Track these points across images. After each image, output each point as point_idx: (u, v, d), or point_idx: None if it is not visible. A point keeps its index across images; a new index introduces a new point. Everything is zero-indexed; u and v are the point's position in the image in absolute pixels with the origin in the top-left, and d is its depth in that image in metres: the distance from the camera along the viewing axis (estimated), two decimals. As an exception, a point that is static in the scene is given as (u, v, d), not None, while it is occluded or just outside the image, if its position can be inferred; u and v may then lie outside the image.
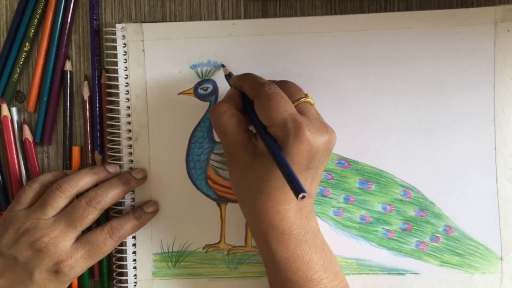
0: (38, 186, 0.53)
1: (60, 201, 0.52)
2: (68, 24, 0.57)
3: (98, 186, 0.54)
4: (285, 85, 0.49)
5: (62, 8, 0.57)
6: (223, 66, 0.55)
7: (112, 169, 0.55)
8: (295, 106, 0.47)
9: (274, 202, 0.47)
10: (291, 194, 0.46)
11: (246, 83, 0.49)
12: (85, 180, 0.53)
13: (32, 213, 0.51)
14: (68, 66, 0.57)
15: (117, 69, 0.56)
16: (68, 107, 0.57)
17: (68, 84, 0.57)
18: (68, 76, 0.57)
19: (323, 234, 0.51)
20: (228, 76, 0.54)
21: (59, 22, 0.57)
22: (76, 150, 0.57)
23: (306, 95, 0.49)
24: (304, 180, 0.47)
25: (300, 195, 0.40)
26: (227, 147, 0.49)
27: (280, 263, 0.48)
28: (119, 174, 0.55)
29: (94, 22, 0.57)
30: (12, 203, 0.53)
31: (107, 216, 0.57)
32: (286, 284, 0.48)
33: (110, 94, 0.57)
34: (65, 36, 0.57)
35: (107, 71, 0.57)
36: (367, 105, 0.55)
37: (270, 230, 0.48)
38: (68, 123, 0.57)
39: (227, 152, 0.50)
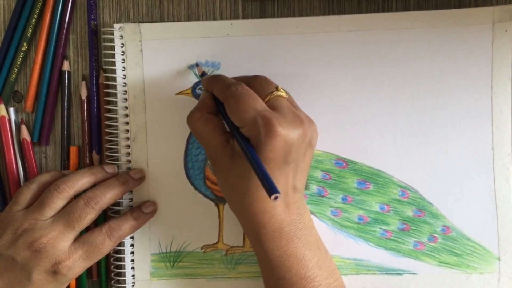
0: (36, 187, 0.53)
1: (58, 201, 0.52)
2: (66, 24, 0.57)
3: (96, 187, 0.53)
4: (254, 81, 0.49)
5: (60, 8, 0.57)
6: (197, 65, 0.55)
7: (110, 169, 0.55)
8: (267, 102, 0.47)
9: (260, 201, 0.47)
10: None
11: (215, 87, 0.49)
12: (83, 180, 0.53)
13: (30, 213, 0.51)
14: (66, 66, 0.57)
15: (115, 69, 0.56)
16: (66, 107, 0.57)
17: (66, 84, 0.57)
18: (66, 76, 0.57)
19: (321, 234, 0.51)
20: (201, 76, 0.54)
21: (57, 22, 0.57)
22: (74, 150, 0.57)
23: (277, 88, 0.49)
24: (286, 175, 0.47)
25: (273, 196, 0.40)
26: (207, 151, 0.50)
27: (273, 261, 0.48)
28: (117, 174, 0.55)
29: (92, 22, 0.57)
30: (10, 204, 0.53)
31: (105, 217, 0.57)
32: (280, 282, 0.48)
33: (108, 94, 0.57)
34: (63, 36, 0.57)
35: (105, 71, 0.57)
36: (365, 105, 0.55)
37: (261, 229, 0.48)
38: (66, 123, 0.57)
39: (209, 156, 0.50)
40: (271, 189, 0.41)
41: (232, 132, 0.47)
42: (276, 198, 0.40)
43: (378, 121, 0.55)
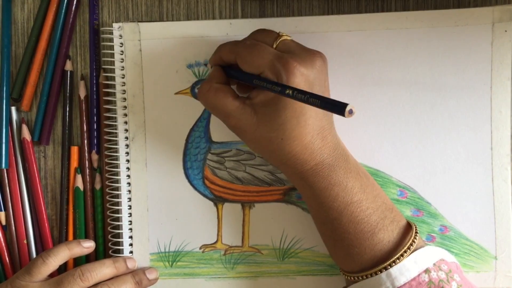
0: (53, 261, 0.53)
1: (77, 287, 0.52)
2: (70, 24, 0.57)
3: (112, 281, 0.54)
4: (256, 35, 0.51)
5: (64, 8, 0.56)
6: (205, 65, 0.56)
7: (131, 264, 0.56)
8: (275, 48, 0.49)
9: (298, 140, 0.47)
10: (309, 126, 0.47)
11: (223, 50, 0.51)
12: (105, 271, 0.54)
13: None
14: (68, 66, 0.57)
15: (114, 69, 0.56)
16: (67, 106, 0.57)
17: (68, 84, 0.57)
18: (69, 76, 0.57)
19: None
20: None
21: (60, 22, 0.56)
22: (74, 150, 0.57)
23: (279, 34, 0.50)
24: (315, 109, 0.47)
25: (347, 109, 0.39)
26: (228, 121, 0.50)
27: (319, 194, 0.49)
28: (134, 270, 0.56)
29: (95, 22, 0.57)
30: (22, 271, 0.52)
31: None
32: (329, 213, 0.49)
33: (108, 94, 0.57)
34: (67, 36, 0.57)
35: (104, 70, 0.57)
36: (364, 105, 0.55)
37: (304, 166, 0.48)
38: (67, 123, 0.57)
39: (231, 126, 0.51)
40: (341, 105, 0.40)
41: (255, 80, 0.48)
42: (351, 111, 0.40)
43: (377, 121, 0.55)
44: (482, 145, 0.55)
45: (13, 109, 0.57)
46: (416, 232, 0.49)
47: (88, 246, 0.55)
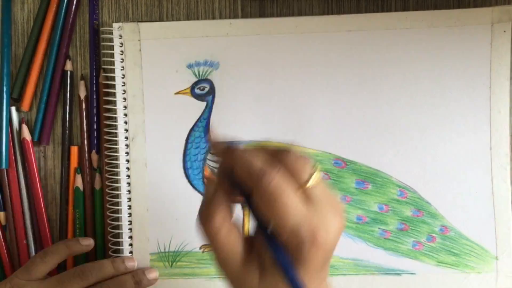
0: (51, 259, 0.53)
1: (77, 287, 0.52)
2: (69, 24, 0.57)
3: (112, 280, 0.54)
4: (286, 160, 0.37)
5: (64, 8, 0.56)
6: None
7: (130, 264, 0.55)
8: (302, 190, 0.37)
9: None
10: None
11: (237, 165, 0.37)
12: (105, 271, 0.53)
13: None
14: (69, 66, 0.57)
15: (114, 69, 0.56)
16: (68, 107, 0.57)
17: (68, 84, 0.57)
18: (69, 76, 0.57)
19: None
20: (212, 144, 0.41)
21: (60, 23, 0.56)
22: (74, 150, 0.57)
23: (314, 167, 0.37)
24: (323, 277, 0.39)
25: None
26: (226, 270, 0.39)
27: None
28: (134, 270, 0.56)
29: (95, 22, 0.57)
30: (21, 270, 0.52)
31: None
32: None
33: (107, 94, 0.57)
34: (67, 36, 0.57)
35: (104, 70, 0.57)
36: (363, 105, 0.55)
37: None
38: (67, 123, 0.57)
39: (226, 276, 0.39)
40: None
41: (269, 243, 0.37)
42: None
43: (377, 121, 0.55)
44: (481, 145, 0.55)
45: (13, 109, 0.57)
46: None
47: (87, 244, 0.55)
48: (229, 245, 0.38)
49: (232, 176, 0.38)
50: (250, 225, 0.40)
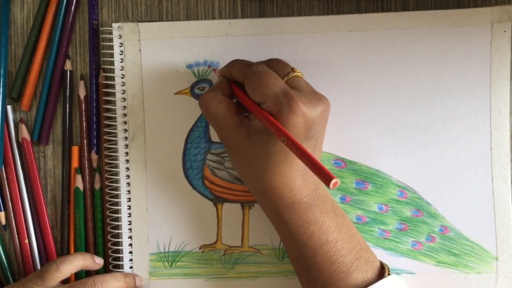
0: (66, 269, 0.53)
1: None
2: (69, 24, 0.57)
3: None
4: (271, 63, 0.50)
5: (63, 7, 0.56)
6: (214, 70, 0.55)
7: (138, 282, 0.56)
8: (285, 82, 0.48)
9: (280, 176, 0.47)
10: (295, 165, 0.47)
11: (234, 67, 0.50)
12: (116, 285, 0.54)
13: None
14: (68, 66, 0.57)
15: (113, 69, 0.56)
16: (67, 106, 0.57)
17: (68, 84, 0.57)
18: (68, 76, 0.57)
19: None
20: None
21: (60, 22, 0.56)
22: (75, 150, 0.57)
23: (293, 69, 0.49)
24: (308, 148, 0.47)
25: (332, 182, 0.39)
26: (221, 133, 0.50)
27: (294, 231, 0.48)
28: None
29: (94, 22, 0.57)
30: (34, 275, 0.52)
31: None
32: (303, 250, 0.48)
33: (107, 94, 0.57)
34: (66, 36, 0.57)
35: (104, 70, 0.57)
36: (363, 105, 0.55)
37: (280, 202, 0.48)
38: (67, 123, 0.57)
39: (222, 138, 0.51)
40: (328, 176, 0.40)
41: (254, 110, 0.47)
42: (336, 184, 0.39)
43: (377, 121, 0.55)
44: (482, 145, 0.55)
45: (9, 108, 0.57)
46: (389, 274, 0.49)
47: (99, 262, 0.56)
48: (219, 111, 0.49)
49: (231, 77, 0.50)
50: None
